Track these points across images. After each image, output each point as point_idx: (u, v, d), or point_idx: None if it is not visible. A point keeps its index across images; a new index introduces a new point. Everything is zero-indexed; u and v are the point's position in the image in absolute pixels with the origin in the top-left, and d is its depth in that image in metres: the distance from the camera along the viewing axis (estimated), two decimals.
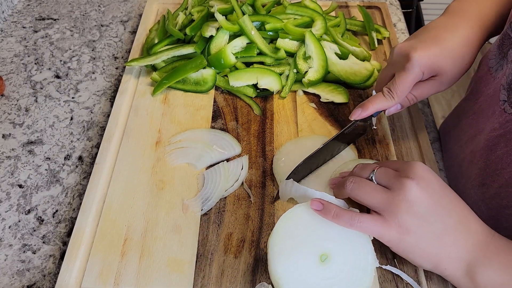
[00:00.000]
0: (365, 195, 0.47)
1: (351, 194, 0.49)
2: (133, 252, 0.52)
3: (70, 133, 0.68)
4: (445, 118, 0.69)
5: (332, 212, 0.46)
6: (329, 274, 0.44)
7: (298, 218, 0.47)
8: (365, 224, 0.45)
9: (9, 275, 0.53)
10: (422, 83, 0.56)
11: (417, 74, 0.53)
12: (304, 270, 0.44)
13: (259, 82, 0.68)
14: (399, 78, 0.54)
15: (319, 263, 0.45)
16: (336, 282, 0.44)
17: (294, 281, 0.44)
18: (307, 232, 0.46)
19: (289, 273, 0.44)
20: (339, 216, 0.46)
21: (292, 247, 0.45)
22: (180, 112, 0.67)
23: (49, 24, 0.87)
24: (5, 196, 0.60)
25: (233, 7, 0.74)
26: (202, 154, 0.61)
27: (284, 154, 0.61)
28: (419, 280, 0.50)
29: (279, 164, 0.60)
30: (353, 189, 0.48)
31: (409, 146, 0.63)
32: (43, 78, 0.76)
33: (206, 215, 0.55)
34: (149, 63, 0.71)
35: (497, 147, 0.50)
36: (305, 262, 0.45)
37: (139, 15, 0.90)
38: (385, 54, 0.77)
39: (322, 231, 0.47)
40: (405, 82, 0.53)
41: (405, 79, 0.53)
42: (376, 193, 0.46)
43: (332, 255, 0.45)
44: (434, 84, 0.55)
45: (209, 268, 0.51)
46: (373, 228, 0.45)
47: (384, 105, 0.55)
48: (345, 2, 0.87)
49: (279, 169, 0.59)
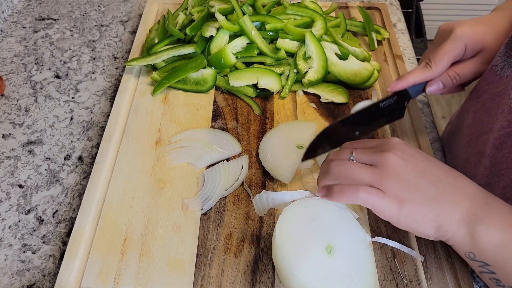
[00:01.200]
0: (355, 175, 0.46)
1: (339, 177, 0.47)
2: (133, 251, 0.52)
3: (70, 133, 0.68)
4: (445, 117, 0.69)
5: (335, 191, 0.46)
6: (337, 264, 0.44)
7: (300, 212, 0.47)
8: (369, 196, 0.44)
9: (9, 275, 0.53)
10: (466, 61, 0.55)
11: (458, 46, 0.52)
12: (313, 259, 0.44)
13: (259, 82, 0.68)
14: (439, 48, 0.53)
15: (327, 254, 0.45)
16: (345, 270, 0.44)
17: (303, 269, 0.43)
18: (311, 225, 0.47)
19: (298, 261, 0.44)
20: (343, 192, 0.45)
21: (298, 240, 0.45)
22: (180, 111, 0.67)
23: (49, 24, 0.87)
24: (5, 196, 0.60)
25: (233, 7, 0.74)
26: (202, 154, 0.61)
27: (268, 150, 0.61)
28: (419, 280, 0.50)
29: (267, 160, 0.60)
30: (340, 172, 0.47)
31: None
32: (43, 78, 0.77)
33: (206, 214, 0.55)
34: (149, 62, 0.72)
35: (503, 146, 0.49)
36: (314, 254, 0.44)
37: (139, 15, 0.90)
38: (385, 55, 0.77)
39: (322, 223, 0.47)
40: (444, 51, 0.53)
41: (445, 48, 0.53)
42: (364, 170, 0.46)
43: (336, 246, 0.45)
44: (477, 61, 0.54)
45: (209, 268, 0.51)
46: (375, 200, 0.44)
47: (423, 76, 0.54)
48: (345, 3, 0.87)
49: (267, 165, 0.59)
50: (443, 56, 0.53)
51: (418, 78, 0.54)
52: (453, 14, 2.11)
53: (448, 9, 2.09)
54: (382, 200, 0.44)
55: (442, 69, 0.54)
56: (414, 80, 0.54)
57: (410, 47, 0.82)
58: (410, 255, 0.52)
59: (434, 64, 0.53)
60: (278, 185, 0.58)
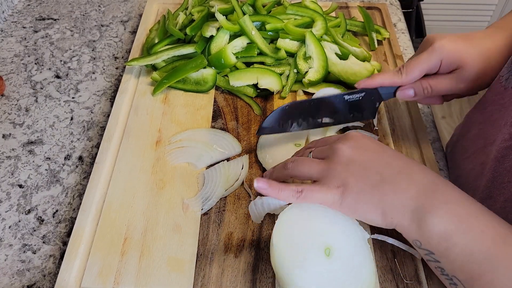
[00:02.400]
0: (304, 169, 0.48)
1: (292, 173, 0.49)
2: (133, 251, 0.52)
3: (70, 133, 0.68)
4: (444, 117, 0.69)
5: (277, 188, 0.46)
6: (337, 266, 0.44)
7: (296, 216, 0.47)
8: (307, 194, 0.45)
9: (9, 275, 0.53)
10: (442, 75, 0.55)
11: (433, 59, 0.53)
12: (312, 264, 0.44)
13: (259, 82, 0.68)
14: (415, 58, 0.54)
15: (326, 257, 0.44)
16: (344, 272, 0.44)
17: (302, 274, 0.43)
18: (308, 227, 0.46)
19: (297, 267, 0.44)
20: (282, 190, 0.46)
21: (296, 244, 0.45)
22: (180, 111, 0.67)
23: (49, 24, 0.87)
24: (5, 196, 0.60)
25: (233, 7, 0.74)
26: (202, 154, 0.61)
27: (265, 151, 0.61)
28: (419, 280, 0.50)
29: (267, 161, 0.60)
30: (293, 167, 0.49)
31: (409, 146, 0.63)
32: (43, 78, 0.77)
33: (206, 214, 0.55)
34: (149, 62, 0.72)
35: (505, 159, 0.49)
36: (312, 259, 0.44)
37: (139, 15, 0.90)
38: (385, 55, 0.77)
39: (320, 225, 0.46)
40: (417, 61, 0.53)
41: (419, 59, 0.53)
42: (314, 164, 0.48)
43: (334, 247, 0.45)
44: (452, 78, 0.54)
45: (209, 268, 0.51)
46: (315, 195, 0.45)
47: (391, 80, 0.55)
48: (345, 3, 0.87)
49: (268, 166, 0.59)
50: (415, 66, 0.54)
51: (386, 81, 0.56)
52: (453, 14, 2.11)
53: (448, 9, 2.08)
54: (321, 194, 0.45)
55: (412, 78, 0.55)
56: (382, 81, 0.56)
57: (411, 47, 0.82)
58: (410, 255, 0.52)
59: (405, 72, 0.54)
60: None
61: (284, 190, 0.46)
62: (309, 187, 0.46)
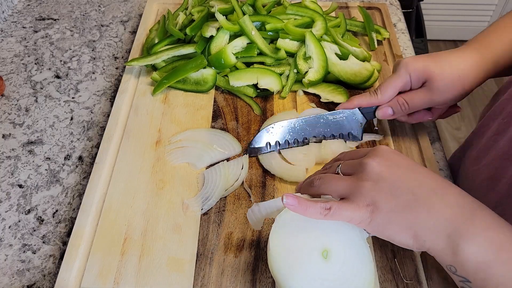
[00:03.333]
0: (332, 187, 0.46)
1: (319, 190, 0.47)
2: (133, 251, 0.52)
3: (70, 133, 0.68)
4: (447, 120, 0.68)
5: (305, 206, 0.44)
6: (335, 269, 0.44)
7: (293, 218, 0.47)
8: (335, 211, 0.43)
9: (9, 275, 0.53)
10: (414, 90, 0.58)
11: (402, 76, 0.57)
12: (309, 267, 0.44)
13: (259, 82, 0.68)
14: (387, 78, 0.59)
15: (323, 260, 0.44)
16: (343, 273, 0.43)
17: (300, 279, 0.43)
18: (305, 230, 0.46)
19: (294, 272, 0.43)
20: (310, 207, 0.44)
21: (293, 248, 0.45)
22: (180, 111, 0.67)
23: (49, 24, 0.87)
24: (5, 196, 0.60)
25: (233, 7, 0.74)
26: (202, 154, 0.61)
27: None
28: (419, 280, 0.50)
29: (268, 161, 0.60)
30: (320, 185, 0.47)
31: (409, 146, 0.63)
32: (43, 78, 0.77)
33: (206, 214, 0.55)
34: (149, 62, 0.72)
35: None
36: (310, 262, 0.44)
37: (139, 15, 0.90)
38: (385, 55, 0.77)
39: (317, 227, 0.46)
40: (390, 80, 0.58)
41: (391, 78, 0.58)
42: (341, 181, 0.46)
43: (332, 249, 0.45)
44: (424, 90, 0.57)
45: (209, 268, 0.51)
46: (343, 213, 0.43)
47: (369, 101, 0.60)
48: (345, 3, 0.87)
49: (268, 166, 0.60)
50: (388, 85, 0.58)
51: (363, 102, 0.61)
52: (453, 14, 2.11)
53: (448, 9, 2.09)
54: (349, 212, 0.43)
55: (387, 97, 0.59)
56: (359, 103, 0.61)
57: (410, 47, 0.82)
58: (410, 255, 0.52)
59: (380, 92, 0.59)
60: (278, 184, 0.58)
61: (312, 207, 0.44)
62: (337, 204, 0.44)
